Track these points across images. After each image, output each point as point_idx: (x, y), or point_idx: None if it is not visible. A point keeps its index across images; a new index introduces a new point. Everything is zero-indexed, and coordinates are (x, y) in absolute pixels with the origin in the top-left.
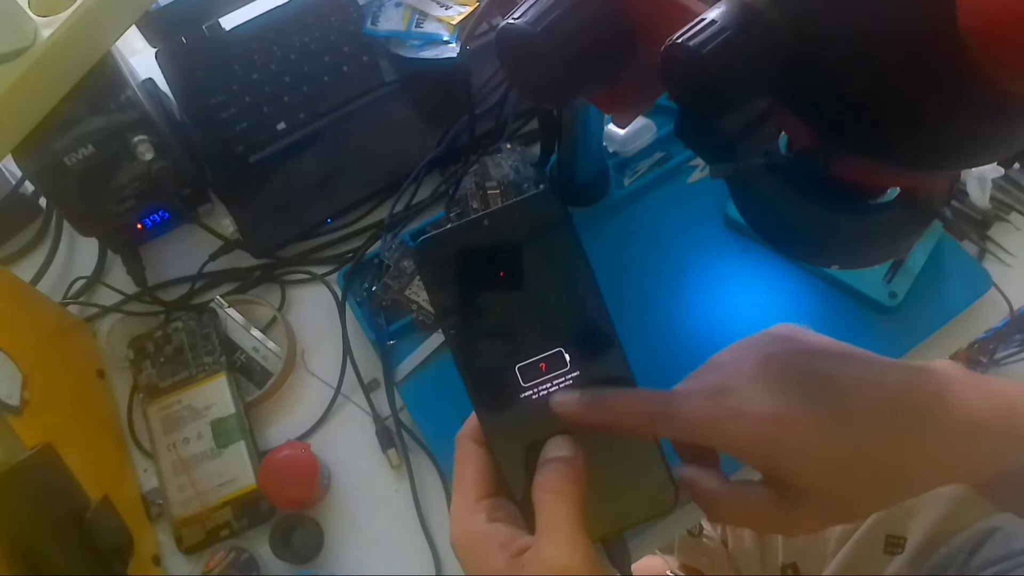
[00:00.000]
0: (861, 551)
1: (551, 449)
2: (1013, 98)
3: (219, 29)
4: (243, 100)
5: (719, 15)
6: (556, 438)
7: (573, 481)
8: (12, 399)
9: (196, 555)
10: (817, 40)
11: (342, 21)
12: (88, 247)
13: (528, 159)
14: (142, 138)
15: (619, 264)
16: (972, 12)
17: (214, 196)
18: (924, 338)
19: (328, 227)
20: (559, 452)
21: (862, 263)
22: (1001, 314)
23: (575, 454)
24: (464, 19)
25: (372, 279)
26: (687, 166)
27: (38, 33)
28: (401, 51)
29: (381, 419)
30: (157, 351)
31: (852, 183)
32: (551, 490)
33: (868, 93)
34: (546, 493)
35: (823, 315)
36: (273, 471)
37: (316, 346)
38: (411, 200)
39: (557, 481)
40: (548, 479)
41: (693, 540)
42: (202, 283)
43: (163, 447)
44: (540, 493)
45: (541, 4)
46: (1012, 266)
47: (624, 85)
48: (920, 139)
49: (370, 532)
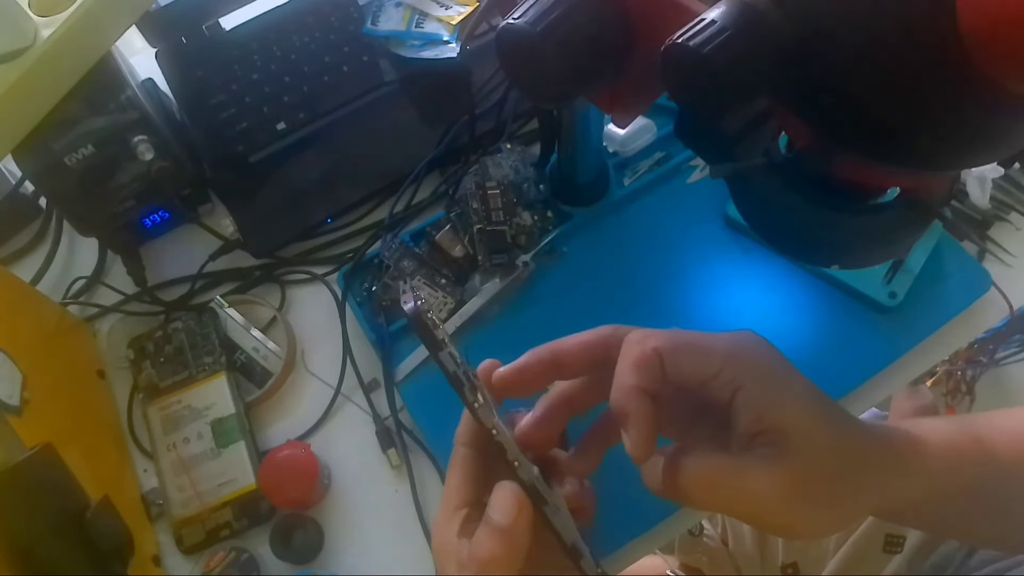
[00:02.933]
0: (860, 550)
1: (494, 511)
2: (1013, 98)
3: (219, 29)
4: (243, 100)
5: (719, 15)
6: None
7: (508, 555)
8: (12, 399)
9: (196, 555)
10: (817, 40)
11: (342, 21)
12: (88, 247)
13: (528, 159)
14: (142, 138)
15: (619, 264)
16: (972, 12)
17: (214, 196)
18: (924, 338)
19: (328, 227)
20: (499, 517)
21: (862, 263)
22: (1001, 314)
23: (513, 523)
24: (464, 19)
25: (372, 279)
26: (687, 166)
27: (38, 33)
28: (401, 51)
29: (381, 419)
30: (157, 351)
31: (852, 183)
32: (481, 564)
33: (868, 93)
34: (476, 566)
35: (823, 315)
36: (273, 471)
37: (316, 346)
38: (411, 200)
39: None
40: (482, 548)
41: (693, 540)
42: (202, 283)
43: (163, 447)
44: (472, 562)
45: (541, 4)
46: (1012, 266)
47: (624, 85)
48: (920, 139)
49: (370, 532)
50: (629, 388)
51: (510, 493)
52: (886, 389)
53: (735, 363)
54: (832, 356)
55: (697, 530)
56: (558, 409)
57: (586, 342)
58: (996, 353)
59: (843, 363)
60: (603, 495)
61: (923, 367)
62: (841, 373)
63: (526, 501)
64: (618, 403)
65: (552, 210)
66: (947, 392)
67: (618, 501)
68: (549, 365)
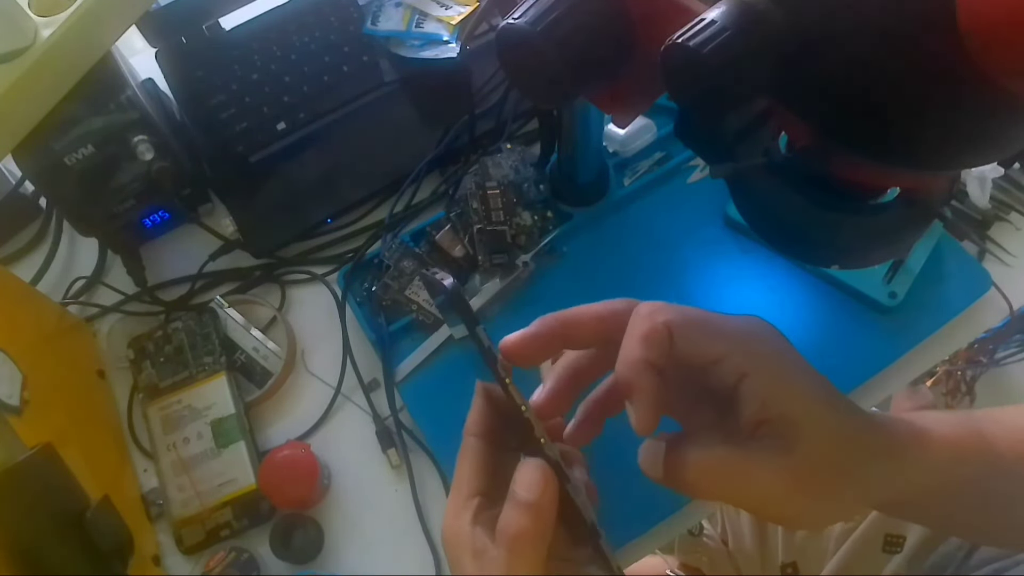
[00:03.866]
0: (860, 550)
1: (521, 486)
2: (1013, 98)
3: (219, 29)
4: (243, 100)
5: (719, 15)
6: (529, 467)
7: (536, 531)
8: (12, 399)
9: (196, 555)
10: (817, 40)
11: (342, 21)
12: (88, 247)
13: (528, 159)
14: (142, 138)
15: (619, 264)
16: (972, 12)
17: (214, 196)
18: (924, 338)
19: (328, 227)
20: (526, 493)
21: (862, 263)
22: (1001, 314)
23: (541, 496)
24: (464, 19)
25: (372, 279)
26: (687, 166)
27: (38, 33)
28: (401, 51)
29: (381, 419)
30: (157, 351)
31: (852, 183)
32: (510, 539)
33: (868, 93)
34: (505, 541)
35: (823, 315)
36: (273, 471)
37: (316, 346)
38: (411, 200)
39: (517, 527)
40: (510, 524)
41: (693, 539)
42: (202, 283)
43: (163, 447)
44: (500, 539)
45: (541, 4)
46: (1012, 266)
47: (624, 85)
48: (920, 139)
49: (370, 532)
50: (636, 360)
51: (537, 468)
52: (886, 389)
53: (743, 348)
54: (832, 356)
55: (697, 530)
56: (568, 382)
57: (596, 313)
58: (996, 353)
59: (843, 363)
60: (603, 495)
61: (923, 367)
62: (841, 373)
63: (553, 477)
64: (624, 375)
65: (552, 210)
66: (947, 392)
67: (618, 501)
68: (558, 334)
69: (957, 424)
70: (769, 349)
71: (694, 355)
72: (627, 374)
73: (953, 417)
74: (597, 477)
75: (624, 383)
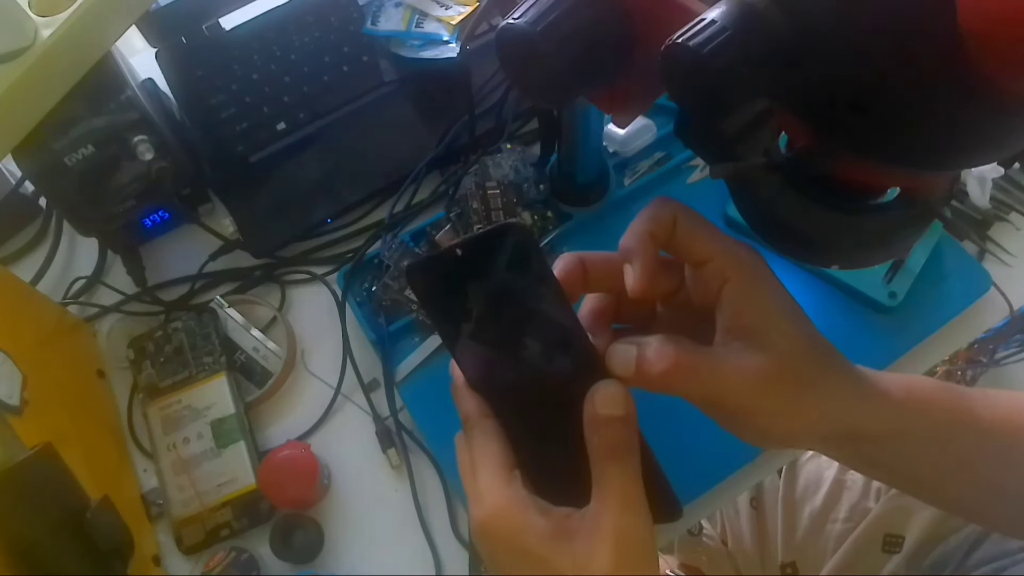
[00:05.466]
0: (859, 550)
1: (603, 402)
2: (1013, 98)
3: (219, 29)
4: (243, 100)
5: (719, 15)
6: (606, 386)
7: (631, 444)
8: (12, 399)
9: (196, 555)
10: (817, 40)
11: (342, 21)
12: (88, 247)
13: (528, 159)
14: (142, 138)
15: None
16: (972, 12)
17: (214, 196)
18: (924, 338)
19: (328, 227)
20: (612, 410)
21: (862, 263)
22: (1001, 314)
23: (627, 410)
24: (464, 19)
25: (372, 279)
26: (687, 166)
27: (38, 33)
28: (401, 51)
29: (381, 419)
30: (157, 351)
31: (852, 183)
32: (610, 456)
33: (868, 93)
34: (604, 459)
35: (823, 315)
36: (273, 471)
37: (316, 346)
38: (411, 200)
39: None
40: (606, 443)
41: (692, 539)
42: (202, 283)
43: (163, 447)
44: (599, 459)
45: (541, 4)
46: (1012, 266)
47: (624, 85)
48: (920, 139)
49: (370, 532)
50: (640, 231)
51: (615, 383)
52: None
53: (731, 256)
54: None
55: (696, 530)
56: (599, 320)
57: (613, 256)
58: (996, 353)
59: None
60: None
61: (923, 367)
62: None
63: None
64: (626, 244)
65: (552, 210)
66: None
67: None
68: (577, 274)
69: (926, 380)
70: (752, 263)
71: (689, 249)
72: (629, 242)
73: (928, 379)
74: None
75: (625, 251)
